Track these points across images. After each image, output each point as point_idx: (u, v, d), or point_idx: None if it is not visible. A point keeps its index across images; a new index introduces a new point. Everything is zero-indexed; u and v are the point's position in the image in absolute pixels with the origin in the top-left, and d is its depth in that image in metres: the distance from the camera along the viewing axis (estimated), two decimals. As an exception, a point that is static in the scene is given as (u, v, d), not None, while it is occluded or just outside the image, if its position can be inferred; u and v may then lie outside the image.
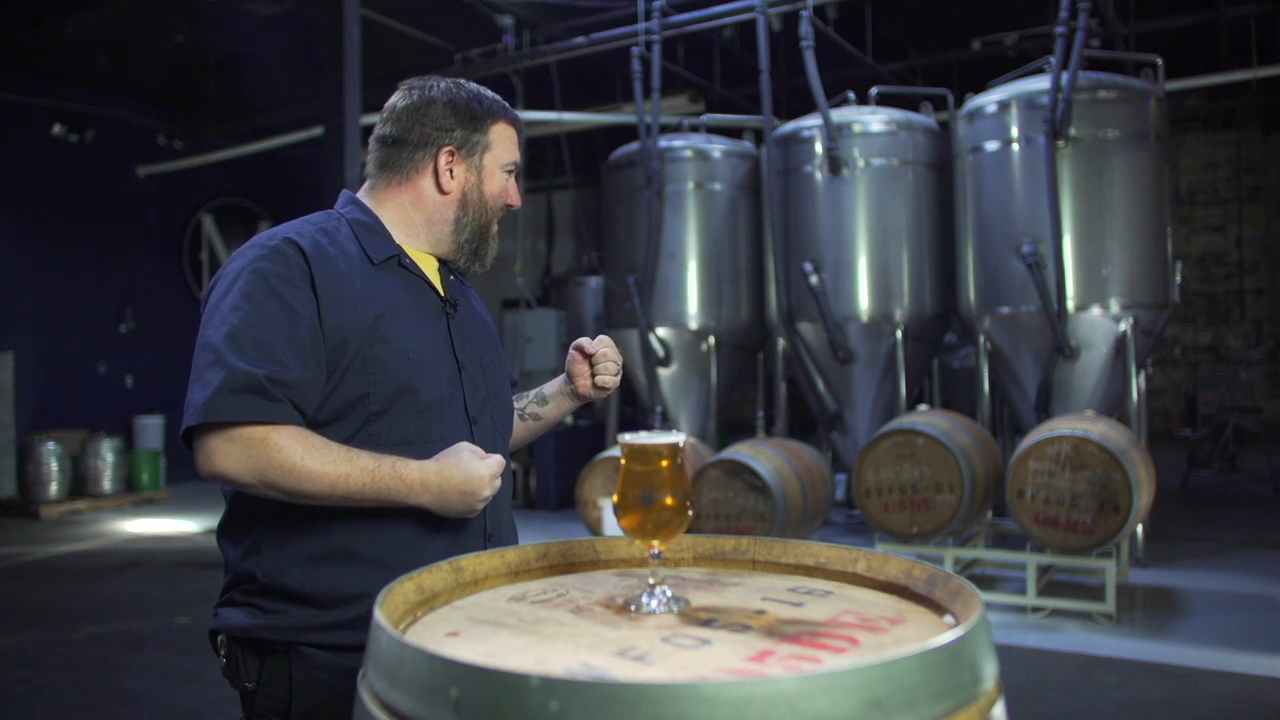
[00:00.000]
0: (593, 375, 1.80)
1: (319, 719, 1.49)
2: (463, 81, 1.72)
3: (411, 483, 1.46)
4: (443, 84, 1.69)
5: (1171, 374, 12.36)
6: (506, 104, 1.73)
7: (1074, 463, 5.02)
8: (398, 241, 1.66)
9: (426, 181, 1.67)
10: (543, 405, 1.90)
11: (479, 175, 1.68)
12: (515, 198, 1.74)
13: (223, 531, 1.60)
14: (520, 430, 1.91)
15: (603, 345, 1.79)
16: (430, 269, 1.69)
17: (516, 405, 1.90)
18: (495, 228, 1.74)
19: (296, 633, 1.50)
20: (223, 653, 1.55)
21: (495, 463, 1.51)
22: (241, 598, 1.54)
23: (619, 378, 1.81)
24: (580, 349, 1.80)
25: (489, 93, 1.72)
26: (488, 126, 1.68)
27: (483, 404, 1.67)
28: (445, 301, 1.67)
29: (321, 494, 1.43)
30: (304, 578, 1.50)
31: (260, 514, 1.52)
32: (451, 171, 1.67)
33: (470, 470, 1.48)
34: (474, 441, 1.57)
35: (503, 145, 1.70)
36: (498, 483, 1.51)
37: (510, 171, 1.72)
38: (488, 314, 1.86)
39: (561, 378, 1.88)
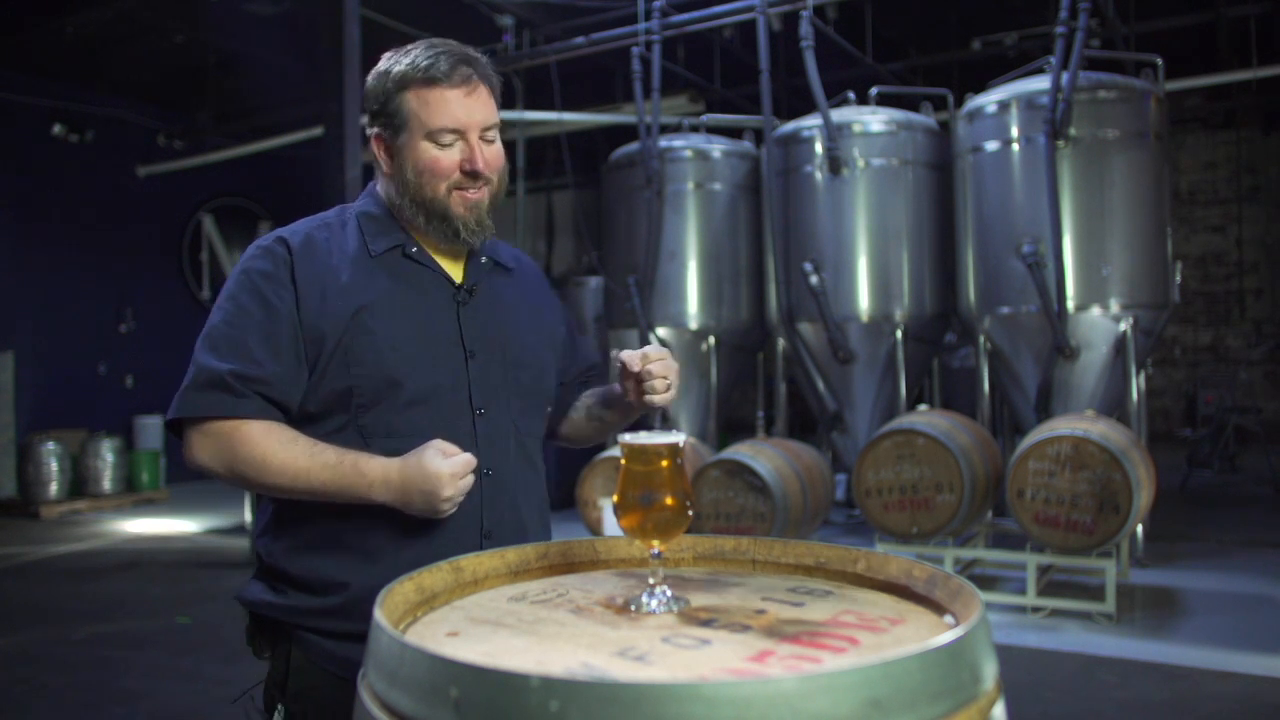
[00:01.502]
0: (641, 392, 1.61)
1: (310, 700, 1.52)
2: (399, 52, 1.57)
3: (373, 479, 1.45)
4: (379, 63, 1.59)
5: (1171, 374, 12.36)
6: (437, 59, 1.53)
7: (1074, 463, 5.02)
8: (410, 230, 1.63)
9: (381, 169, 1.63)
10: (606, 409, 1.83)
11: (403, 153, 1.56)
12: (472, 159, 1.55)
13: (255, 510, 1.75)
14: (587, 429, 1.86)
15: (649, 362, 1.57)
16: (456, 254, 1.66)
17: (583, 401, 1.85)
18: (460, 196, 1.56)
19: (293, 614, 1.54)
20: (246, 622, 1.62)
21: (458, 462, 1.44)
22: (260, 575, 1.62)
23: (673, 392, 1.60)
24: (625, 366, 1.59)
25: (413, 55, 1.55)
26: (397, 99, 1.54)
27: (494, 393, 1.61)
28: (460, 289, 1.62)
29: (285, 487, 1.47)
30: (299, 563, 1.55)
31: (275, 498, 1.57)
32: (388, 156, 1.59)
33: (430, 469, 1.42)
34: (476, 433, 1.56)
35: (425, 112, 1.53)
36: (463, 483, 1.45)
37: (448, 139, 1.54)
38: (542, 297, 1.79)
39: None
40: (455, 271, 1.65)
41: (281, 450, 1.46)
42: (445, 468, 1.43)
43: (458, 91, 1.53)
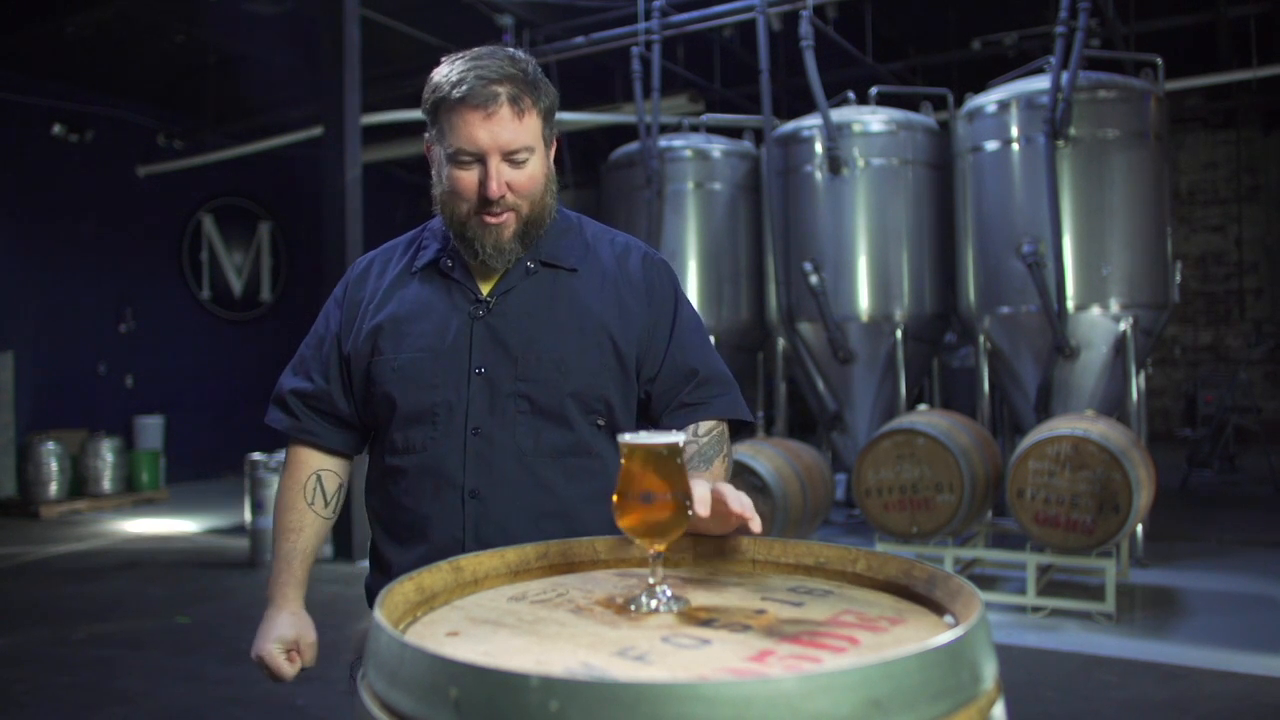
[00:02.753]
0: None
1: None
2: (450, 60, 1.53)
3: (267, 597, 1.66)
4: (437, 67, 1.56)
5: (1171, 374, 12.36)
6: (466, 76, 1.48)
7: (1074, 463, 5.02)
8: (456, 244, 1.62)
9: None
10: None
11: (439, 173, 1.56)
12: (485, 184, 1.49)
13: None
14: None
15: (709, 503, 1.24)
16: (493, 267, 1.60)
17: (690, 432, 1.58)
18: (479, 221, 1.53)
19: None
20: None
21: (267, 655, 1.59)
22: None
23: (703, 509, 1.23)
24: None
25: (455, 67, 1.50)
26: (437, 115, 1.52)
27: (496, 412, 1.54)
28: (480, 303, 1.57)
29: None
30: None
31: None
32: (431, 165, 1.59)
33: (260, 641, 1.61)
34: (466, 453, 1.53)
35: (450, 131, 1.50)
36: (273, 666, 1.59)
37: (467, 160, 1.50)
38: (611, 294, 1.61)
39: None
40: (490, 282, 1.60)
41: (279, 509, 1.69)
42: (257, 650, 1.61)
43: (478, 114, 1.47)
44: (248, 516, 6.63)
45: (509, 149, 1.49)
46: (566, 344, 1.56)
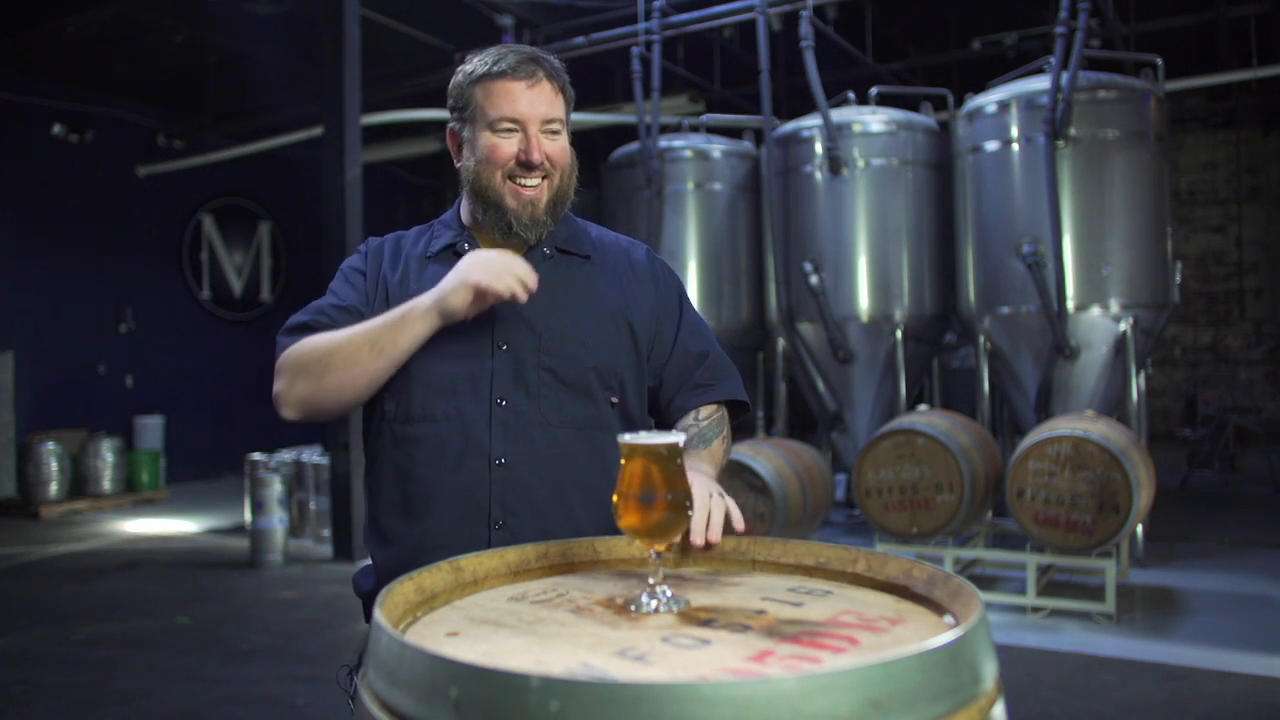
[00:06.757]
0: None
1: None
2: (480, 53, 1.66)
3: (422, 295, 1.55)
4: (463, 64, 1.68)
5: (1171, 374, 12.36)
6: (505, 57, 1.62)
7: (1074, 463, 5.02)
8: (472, 230, 1.70)
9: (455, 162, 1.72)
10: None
11: (472, 146, 1.63)
12: (528, 149, 1.59)
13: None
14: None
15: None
16: (516, 248, 1.66)
17: (692, 427, 1.68)
18: (513, 189, 1.61)
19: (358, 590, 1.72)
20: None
21: (521, 269, 1.51)
22: None
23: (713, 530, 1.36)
24: None
25: (488, 55, 1.63)
26: (470, 94, 1.63)
27: (521, 384, 1.59)
28: None
29: (339, 359, 1.54)
30: (368, 550, 1.73)
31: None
32: (457, 148, 1.68)
33: (486, 254, 1.53)
34: (492, 423, 1.57)
35: (489, 103, 1.60)
36: (506, 282, 1.49)
37: (508, 128, 1.60)
38: (623, 283, 1.71)
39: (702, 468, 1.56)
40: None
41: (337, 332, 1.58)
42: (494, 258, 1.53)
43: (520, 84, 1.60)
44: (248, 516, 6.62)
45: (546, 118, 1.62)
46: (586, 322, 1.65)
